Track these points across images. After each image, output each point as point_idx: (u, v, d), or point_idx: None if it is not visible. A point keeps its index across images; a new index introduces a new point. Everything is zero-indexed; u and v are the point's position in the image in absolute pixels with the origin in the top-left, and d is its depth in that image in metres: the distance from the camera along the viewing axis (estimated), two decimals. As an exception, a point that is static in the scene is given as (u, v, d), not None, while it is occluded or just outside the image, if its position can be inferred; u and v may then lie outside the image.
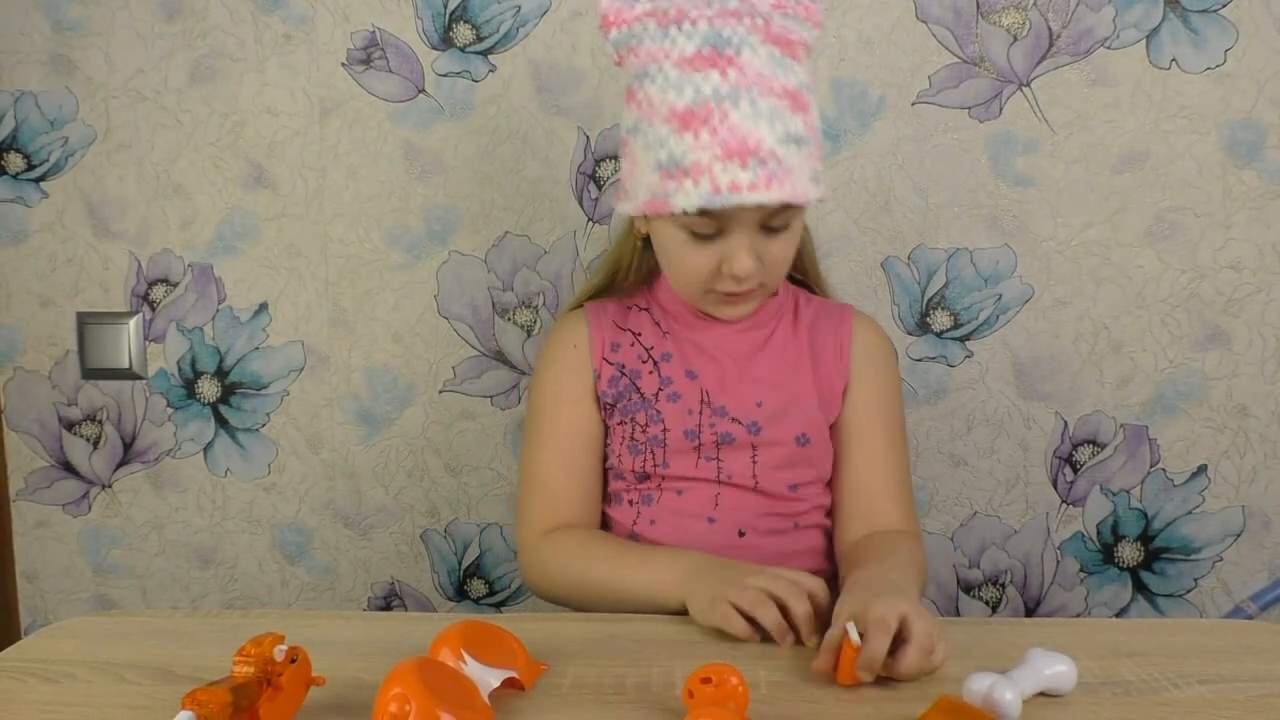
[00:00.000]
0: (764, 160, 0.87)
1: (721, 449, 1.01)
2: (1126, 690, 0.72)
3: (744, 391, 1.02)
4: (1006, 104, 1.34)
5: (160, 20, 1.38)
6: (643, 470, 1.03)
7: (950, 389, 1.39)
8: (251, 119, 1.39)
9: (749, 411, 1.01)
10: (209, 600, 1.50)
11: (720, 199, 0.87)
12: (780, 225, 0.93)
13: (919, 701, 0.68)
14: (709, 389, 1.02)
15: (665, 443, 1.02)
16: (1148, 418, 1.38)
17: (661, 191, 0.90)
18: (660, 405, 1.02)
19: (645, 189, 0.93)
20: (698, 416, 1.02)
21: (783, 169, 0.88)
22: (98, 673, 0.75)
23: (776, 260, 0.95)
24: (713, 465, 1.02)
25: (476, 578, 1.48)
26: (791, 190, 0.89)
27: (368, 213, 1.40)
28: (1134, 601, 1.42)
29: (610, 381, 1.04)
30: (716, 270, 0.94)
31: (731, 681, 0.65)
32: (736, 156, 0.87)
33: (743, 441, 1.01)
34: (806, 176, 0.91)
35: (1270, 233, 1.34)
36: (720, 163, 0.87)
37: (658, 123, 0.90)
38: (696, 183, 0.88)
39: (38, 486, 1.49)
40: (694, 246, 0.94)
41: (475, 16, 1.36)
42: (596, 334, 1.06)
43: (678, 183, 0.89)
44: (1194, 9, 1.31)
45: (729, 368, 1.03)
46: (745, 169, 0.87)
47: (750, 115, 0.87)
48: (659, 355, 1.04)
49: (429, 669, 0.61)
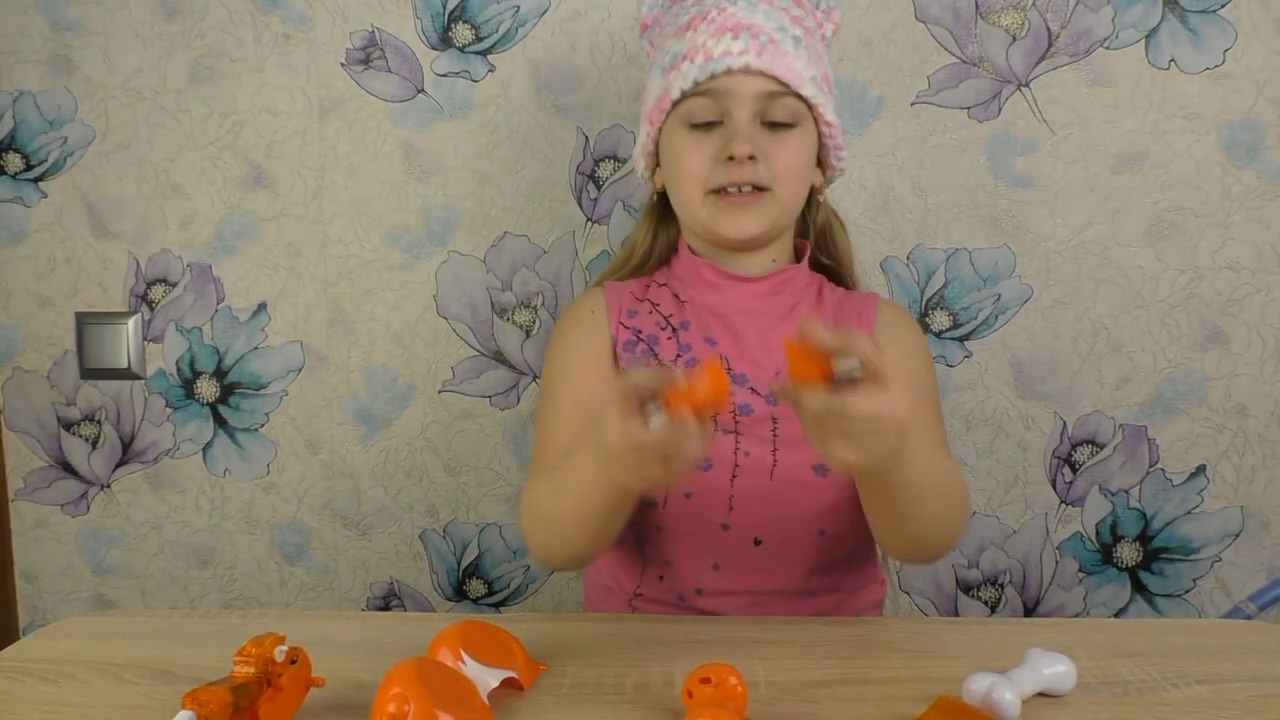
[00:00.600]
0: (756, 35, 0.92)
1: (740, 421, 0.95)
2: (1125, 690, 0.72)
3: (763, 361, 0.97)
4: (1005, 104, 1.34)
5: (159, 20, 1.38)
6: None
7: (949, 389, 1.39)
8: (251, 119, 1.39)
9: (767, 382, 0.96)
10: (208, 600, 1.50)
11: (712, 65, 0.92)
12: (783, 120, 0.94)
13: (919, 701, 0.68)
14: (728, 355, 0.97)
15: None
16: (1147, 418, 1.38)
17: (663, 89, 0.96)
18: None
19: (652, 101, 0.98)
20: None
21: (776, 48, 0.93)
22: (96, 673, 0.75)
23: (782, 160, 0.94)
24: (730, 440, 0.94)
25: (475, 578, 1.48)
26: (786, 69, 0.92)
27: (367, 213, 1.40)
28: (1133, 602, 1.42)
29: (626, 346, 1.00)
30: (714, 164, 0.94)
31: (730, 682, 0.65)
32: (729, 32, 0.93)
33: (761, 414, 0.95)
34: (804, 70, 0.94)
35: (1269, 233, 1.34)
36: (714, 39, 0.93)
37: (667, 42, 0.98)
38: (692, 62, 0.93)
39: (36, 486, 1.48)
40: (695, 141, 0.95)
41: (474, 16, 1.36)
42: (614, 302, 1.03)
43: (677, 70, 0.94)
44: (1193, 9, 1.31)
45: (748, 335, 0.98)
46: (737, 39, 0.92)
47: (747, 7, 0.94)
48: (677, 323, 1.01)
49: (428, 669, 0.61)
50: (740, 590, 0.96)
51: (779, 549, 0.95)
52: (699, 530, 0.96)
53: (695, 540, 0.96)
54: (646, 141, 1.01)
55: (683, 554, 0.97)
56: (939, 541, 0.88)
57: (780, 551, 0.96)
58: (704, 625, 0.85)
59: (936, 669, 0.76)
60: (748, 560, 0.95)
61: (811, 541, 0.96)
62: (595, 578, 1.08)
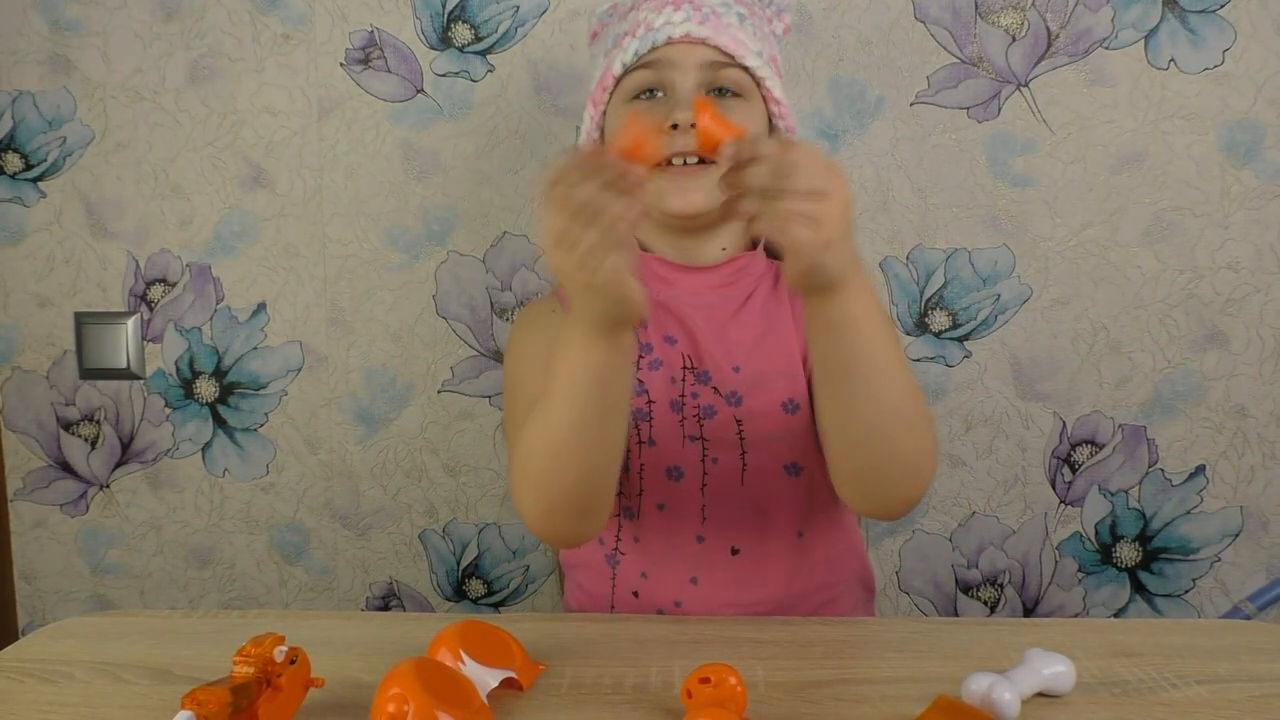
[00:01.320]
0: (699, 7, 0.91)
1: (705, 425, 0.92)
2: (1125, 690, 0.72)
3: (721, 357, 0.93)
4: (1005, 104, 1.34)
5: (158, 20, 1.38)
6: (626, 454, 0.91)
7: (949, 389, 1.39)
8: (250, 119, 1.39)
9: (727, 379, 0.92)
10: (207, 600, 1.50)
11: (652, 35, 0.90)
12: (729, 88, 0.92)
13: (918, 702, 0.68)
14: (689, 353, 0.94)
15: (651, 416, 0.93)
16: (1146, 418, 1.38)
17: (605, 67, 0.94)
18: (643, 374, 0.94)
19: (594, 83, 0.97)
20: (680, 385, 0.93)
21: (718, 20, 0.91)
22: (96, 673, 0.75)
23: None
24: (697, 448, 0.92)
25: (475, 578, 1.48)
26: (730, 39, 0.91)
27: (366, 212, 1.40)
28: (1132, 601, 1.42)
29: None
30: (660, 129, 0.89)
31: (730, 681, 0.65)
32: (670, 4, 0.92)
33: (725, 416, 0.92)
34: (749, 43, 0.92)
35: (1268, 233, 1.34)
36: (655, 13, 0.92)
37: (609, 27, 0.97)
38: (634, 36, 0.92)
39: (35, 486, 1.48)
40: (641, 115, 0.89)
41: (474, 16, 1.36)
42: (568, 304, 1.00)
43: (620, 47, 0.93)
44: (1192, 9, 1.31)
45: (705, 330, 0.94)
46: (679, 10, 0.91)
47: None
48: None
49: (427, 669, 0.61)
50: (720, 603, 0.94)
51: (757, 557, 0.94)
52: (674, 543, 0.94)
53: (671, 554, 0.94)
54: (591, 127, 0.97)
55: (659, 568, 0.95)
56: (898, 461, 0.78)
57: (759, 559, 0.94)
58: (703, 625, 0.85)
59: (936, 669, 0.76)
60: (725, 572, 0.93)
61: (790, 545, 0.94)
62: (573, 592, 1.05)
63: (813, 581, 0.96)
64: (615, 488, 0.82)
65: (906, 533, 1.42)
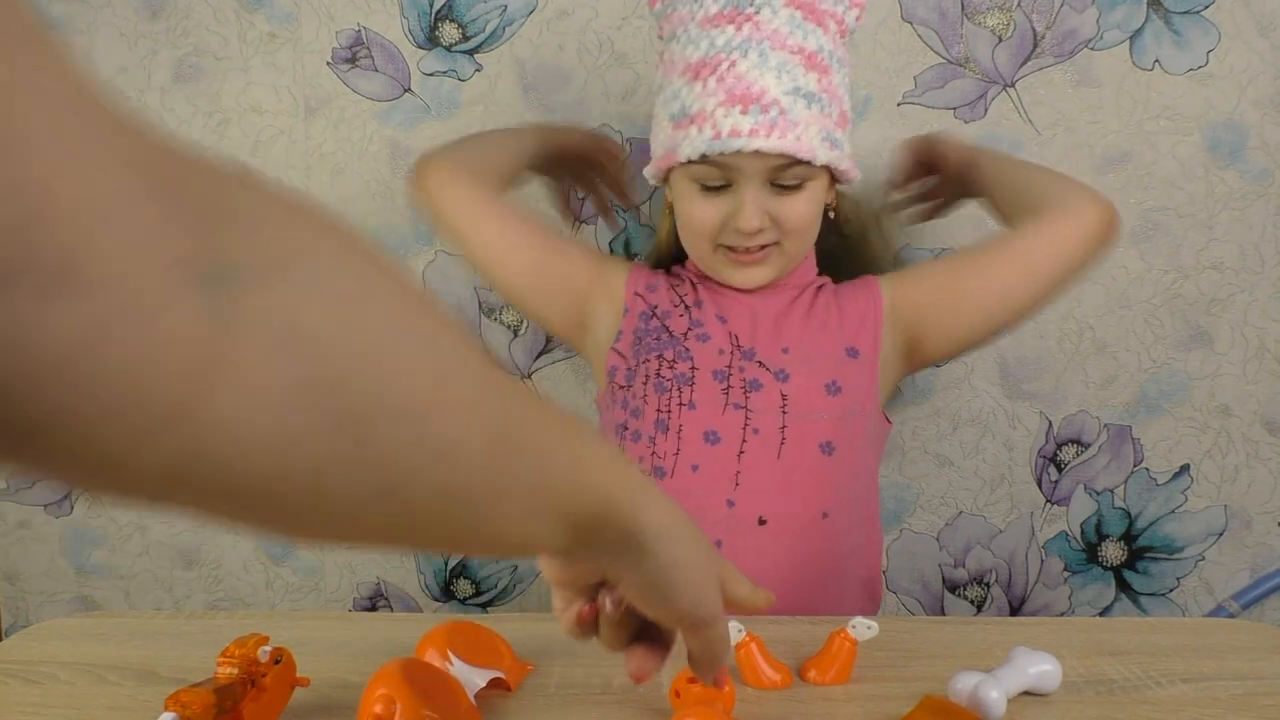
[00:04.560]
0: (766, 108, 0.89)
1: (750, 396, 0.98)
2: (1110, 689, 0.72)
3: (772, 337, 1.00)
4: (991, 105, 1.34)
5: (143, 19, 1.37)
6: (665, 415, 0.98)
7: (936, 389, 1.39)
8: (236, 118, 1.39)
9: (776, 358, 0.99)
10: (193, 601, 1.49)
11: (720, 144, 0.90)
12: (792, 183, 0.93)
13: (904, 701, 0.69)
14: (738, 333, 1.01)
15: (694, 381, 0.99)
16: (1131, 417, 1.39)
17: (672, 143, 0.94)
18: (690, 344, 1.01)
19: (660, 145, 0.97)
20: (728, 357, 0.99)
21: (786, 120, 0.90)
22: (80, 674, 0.74)
23: (791, 221, 0.95)
24: (740, 415, 0.97)
25: (463, 578, 1.47)
26: (795, 142, 0.90)
27: (353, 212, 1.40)
28: (1117, 600, 1.43)
29: (640, 317, 1.03)
30: (723, 225, 0.95)
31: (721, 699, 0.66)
32: (739, 103, 0.90)
33: (770, 389, 0.98)
34: (817, 135, 0.92)
35: (1252, 233, 1.35)
36: (723, 108, 0.90)
37: (675, 77, 0.95)
38: (700, 129, 0.91)
39: (19, 486, 1.47)
40: (703, 200, 0.95)
41: (461, 16, 1.36)
42: (636, 274, 1.07)
43: (684, 131, 0.93)
44: (1176, 11, 1.32)
45: (761, 313, 1.02)
46: (746, 114, 0.89)
47: (758, 65, 0.90)
48: (691, 301, 1.04)
49: (414, 669, 0.61)
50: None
51: (782, 532, 0.96)
52: (704, 505, 0.96)
53: (699, 516, 0.95)
54: (657, 173, 1.02)
55: None
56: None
57: (783, 534, 0.96)
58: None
59: (922, 668, 0.76)
60: (749, 541, 0.95)
61: (814, 523, 0.97)
62: None
63: (830, 568, 0.98)
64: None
65: (894, 532, 1.43)
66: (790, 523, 0.96)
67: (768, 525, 0.96)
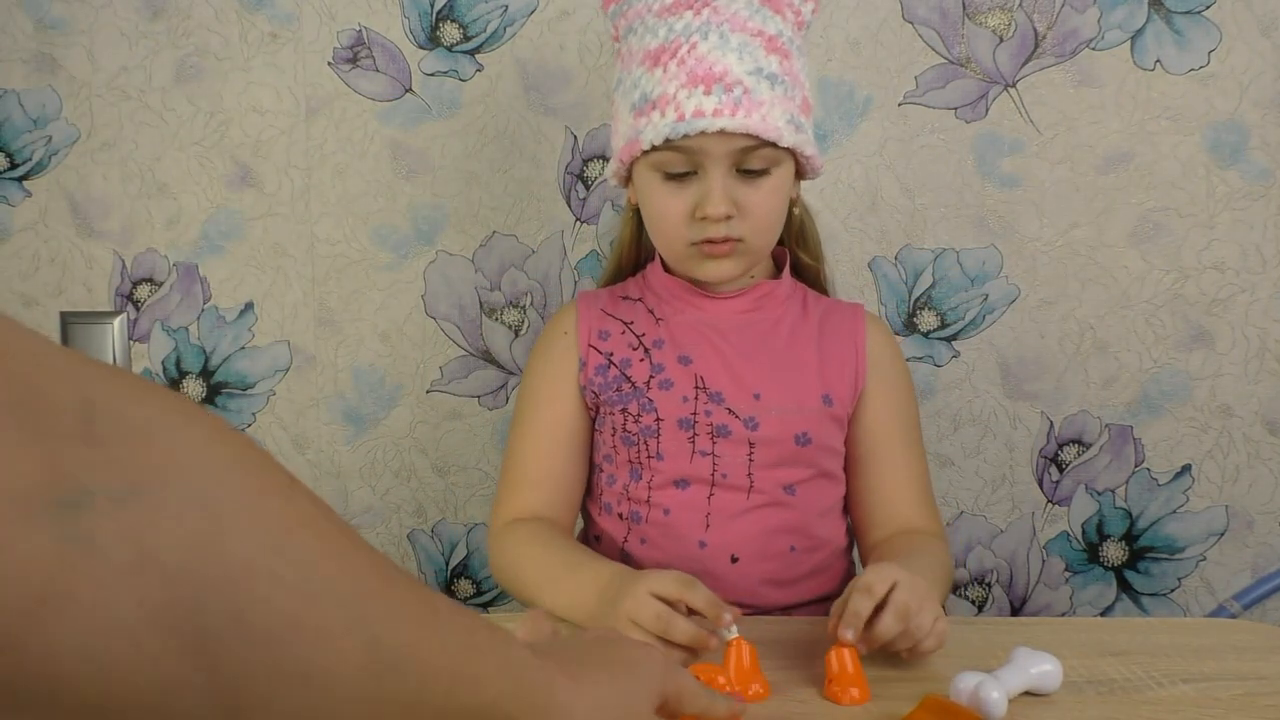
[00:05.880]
0: (729, 87, 0.88)
1: (717, 443, 0.96)
2: (1111, 689, 0.72)
3: (743, 379, 0.97)
4: (992, 105, 1.34)
5: (144, 19, 1.37)
6: (636, 464, 0.98)
7: (937, 389, 1.39)
8: (237, 118, 1.39)
9: (746, 405, 0.96)
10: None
11: (684, 125, 0.87)
12: (758, 169, 0.91)
13: (905, 701, 0.69)
14: (704, 374, 0.97)
15: (659, 433, 0.97)
16: (1132, 418, 1.39)
17: (633, 132, 0.92)
18: (652, 393, 0.97)
19: (622, 137, 0.95)
20: (692, 403, 0.97)
21: (750, 99, 0.88)
22: None
23: (758, 211, 0.92)
24: (707, 462, 0.96)
25: (464, 578, 1.47)
26: (761, 122, 0.88)
27: (354, 212, 1.40)
28: (1118, 601, 1.43)
29: (597, 370, 1.00)
30: (691, 215, 0.91)
31: (719, 682, 0.66)
32: (701, 83, 0.88)
33: (738, 436, 0.96)
34: (781, 116, 0.90)
35: (1253, 233, 1.35)
36: (685, 90, 0.88)
37: (634, 67, 0.93)
38: (664, 113, 0.89)
39: None
40: (669, 190, 0.92)
41: (462, 16, 1.36)
42: (584, 321, 1.02)
43: (647, 118, 0.90)
44: (1178, 10, 1.32)
45: (727, 351, 0.98)
46: (710, 95, 0.87)
47: (718, 46, 0.89)
48: (650, 342, 1.00)
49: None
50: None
51: (752, 570, 0.97)
52: (677, 546, 0.97)
53: (674, 555, 0.97)
54: (620, 167, 0.98)
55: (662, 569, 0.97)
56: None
57: (754, 571, 0.97)
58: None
59: (923, 668, 0.76)
60: (724, 578, 0.95)
61: (782, 556, 0.98)
62: None
63: (804, 595, 1.00)
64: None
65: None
66: (761, 562, 0.97)
67: (740, 562, 0.96)
